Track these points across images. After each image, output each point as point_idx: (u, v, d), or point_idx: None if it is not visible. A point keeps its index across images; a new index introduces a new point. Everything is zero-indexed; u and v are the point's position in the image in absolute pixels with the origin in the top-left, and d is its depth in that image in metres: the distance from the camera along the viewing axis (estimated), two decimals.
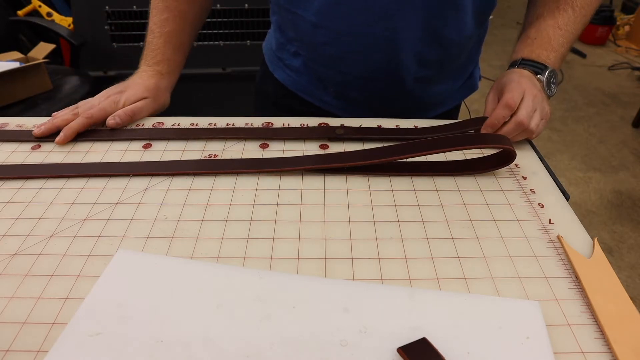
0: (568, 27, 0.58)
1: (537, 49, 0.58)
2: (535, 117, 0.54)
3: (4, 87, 1.23)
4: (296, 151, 0.55)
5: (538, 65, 0.57)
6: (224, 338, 0.33)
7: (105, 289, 0.37)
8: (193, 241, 0.42)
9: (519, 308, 0.36)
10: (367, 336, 0.33)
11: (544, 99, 0.56)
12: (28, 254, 0.41)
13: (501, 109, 0.54)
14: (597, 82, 2.69)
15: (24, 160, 0.53)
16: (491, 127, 0.54)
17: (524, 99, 0.54)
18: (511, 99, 0.53)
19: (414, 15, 0.56)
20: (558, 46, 0.58)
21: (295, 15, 0.61)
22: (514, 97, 0.53)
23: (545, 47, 0.58)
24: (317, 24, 0.59)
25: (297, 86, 0.70)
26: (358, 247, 0.42)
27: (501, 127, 0.54)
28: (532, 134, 0.55)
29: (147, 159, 0.53)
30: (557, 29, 0.58)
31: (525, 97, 0.54)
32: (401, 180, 0.50)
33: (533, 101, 0.54)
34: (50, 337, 0.34)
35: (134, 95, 0.61)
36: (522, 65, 0.58)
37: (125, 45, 1.57)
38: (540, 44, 0.58)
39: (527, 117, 0.53)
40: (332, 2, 0.57)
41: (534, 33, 0.59)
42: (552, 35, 0.58)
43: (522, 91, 0.54)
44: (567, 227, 0.45)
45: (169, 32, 0.63)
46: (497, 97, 0.57)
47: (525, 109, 0.53)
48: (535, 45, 0.58)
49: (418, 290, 0.37)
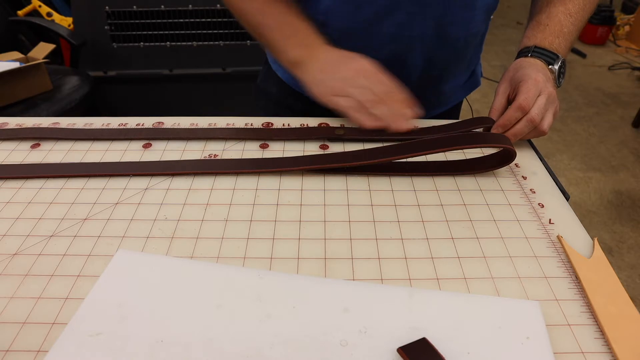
0: (578, 15, 0.58)
1: (550, 35, 0.57)
2: (548, 117, 0.53)
3: (4, 87, 1.23)
4: (296, 151, 0.55)
5: (551, 55, 0.56)
6: (223, 338, 0.33)
7: (105, 289, 0.37)
8: (193, 241, 0.42)
9: (519, 308, 0.36)
10: (367, 336, 0.33)
11: (556, 95, 0.55)
12: (28, 254, 0.41)
13: (514, 110, 0.53)
14: (597, 82, 2.69)
15: (24, 159, 0.53)
16: (502, 128, 0.54)
17: (538, 98, 0.53)
18: (525, 101, 0.52)
19: (424, 13, 0.56)
20: (568, 34, 0.57)
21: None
22: (529, 98, 0.52)
23: (557, 34, 0.57)
24: (324, 22, 0.59)
25: (301, 84, 0.70)
26: (358, 247, 0.42)
27: (513, 126, 0.54)
28: (544, 133, 0.54)
29: (147, 159, 0.53)
30: (568, 16, 0.57)
31: (540, 96, 0.53)
32: (401, 180, 0.50)
33: (547, 100, 0.53)
34: (50, 337, 0.34)
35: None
36: (535, 53, 0.57)
37: (125, 45, 1.57)
38: (552, 31, 0.57)
39: (539, 116, 0.52)
40: (341, 1, 0.56)
41: (545, 19, 0.58)
42: (563, 21, 0.57)
43: (538, 91, 0.53)
44: (567, 227, 0.45)
45: (285, 12, 0.58)
46: (508, 91, 0.56)
47: (538, 108, 0.52)
48: (548, 32, 0.57)
49: (418, 290, 0.37)
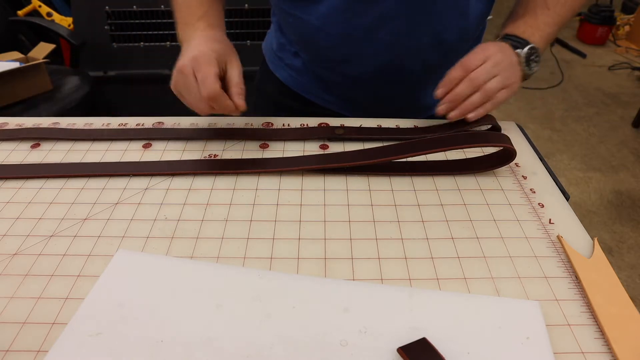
0: (556, 9, 0.58)
1: (522, 25, 0.57)
2: (494, 81, 0.53)
3: (4, 87, 1.23)
4: (296, 151, 0.55)
5: (519, 40, 0.56)
6: (224, 338, 0.33)
7: (105, 289, 0.37)
8: (193, 241, 0.42)
9: (519, 308, 0.36)
10: (367, 336, 0.33)
11: (513, 69, 0.55)
12: (28, 254, 0.41)
13: (455, 69, 0.53)
14: (597, 82, 2.68)
15: (24, 159, 0.53)
16: (443, 87, 0.54)
17: (484, 63, 0.53)
18: (467, 60, 0.53)
19: (419, 21, 0.56)
20: (544, 25, 0.57)
21: (298, 18, 0.61)
22: (471, 59, 0.53)
23: (531, 24, 0.57)
24: (320, 28, 0.59)
25: (299, 85, 0.70)
26: (358, 247, 0.42)
27: (455, 86, 0.54)
28: (490, 98, 0.54)
29: (147, 159, 0.53)
30: (545, 9, 0.58)
31: (487, 61, 0.53)
32: (401, 180, 0.50)
33: (494, 67, 0.53)
34: (50, 337, 0.34)
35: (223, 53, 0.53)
36: (503, 39, 0.57)
37: (125, 45, 1.57)
38: (525, 21, 0.58)
39: (481, 78, 0.52)
40: (338, 8, 0.56)
41: (521, 11, 0.59)
42: (539, 13, 0.58)
43: (484, 56, 0.53)
44: (567, 227, 0.45)
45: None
46: None
47: (481, 69, 0.53)
48: (521, 22, 0.58)
49: (418, 290, 0.37)
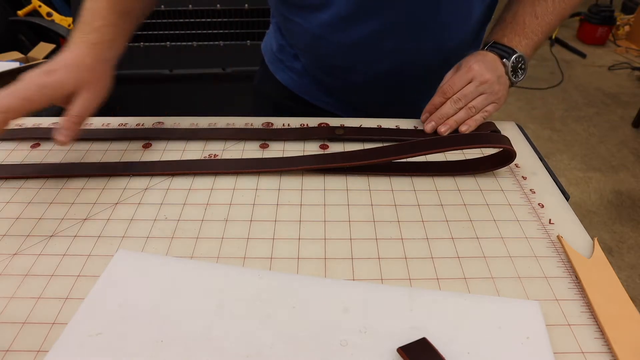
0: (545, 17, 0.58)
1: (510, 33, 0.58)
2: (479, 99, 0.55)
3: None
4: (296, 151, 0.55)
5: (506, 49, 0.57)
6: (224, 338, 0.33)
7: (105, 289, 0.37)
8: (193, 241, 0.42)
9: (518, 308, 0.36)
10: (367, 336, 0.33)
11: (500, 84, 0.56)
12: (28, 254, 0.41)
13: (437, 95, 0.56)
14: (597, 82, 2.68)
15: (24, 159, 0.53)
16: (428, 112, 0.57)
17: (469, 84, 0.55)
18: (448, 87, 0.55)
19: (423, 30, 0.56)
20: (532, 34, 0.58)
21: (298, 25, 0.60)
22: (455, 82, 0.55)
23: (519, 32, 0.58)
24: (322, 35, 0.59)
25: (299, 88, 0.70)
26: (358, 247, 0.42)
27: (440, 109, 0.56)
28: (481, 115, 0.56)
29: (147, 159, 0.53)
30: (534, 17, 0.58)
31: (472, 82, 0.55)
32: (401, 180, 0.50)
33: (479, 86, 0.55)
34: (50, 337, 0.34)
35: (67, 79, 0.47)
36: (490, 48, 0.58)
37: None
38: (513, 29, 0.58)
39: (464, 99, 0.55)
40: (342, 17, 0.56)
41: (510, 18, 0.59)
42: (527, 22, 0.58)
43: (470, 77, 0.55)
44: (567, 227, 0.45)
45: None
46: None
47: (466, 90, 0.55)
48: (509, 29, 0.58)
49: (418, 290, 0.37)
